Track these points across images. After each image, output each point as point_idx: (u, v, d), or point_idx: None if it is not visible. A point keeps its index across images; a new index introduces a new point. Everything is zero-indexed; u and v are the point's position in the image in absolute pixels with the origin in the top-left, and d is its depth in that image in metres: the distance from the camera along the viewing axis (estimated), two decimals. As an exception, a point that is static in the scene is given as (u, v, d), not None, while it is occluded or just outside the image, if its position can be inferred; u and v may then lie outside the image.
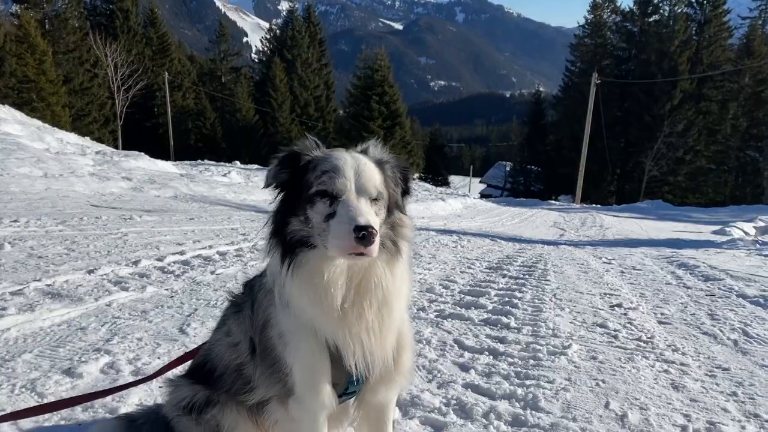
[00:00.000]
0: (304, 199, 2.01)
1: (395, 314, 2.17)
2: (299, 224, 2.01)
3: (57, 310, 4.49)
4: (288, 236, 2.02)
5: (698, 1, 57.16)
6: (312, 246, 2.00)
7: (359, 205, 1.94)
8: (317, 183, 1.98)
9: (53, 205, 8.49)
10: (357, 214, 1.88)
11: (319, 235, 1.96)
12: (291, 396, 2.19)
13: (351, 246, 1.84)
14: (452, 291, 5.97)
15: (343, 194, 1.96)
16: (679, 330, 4.93)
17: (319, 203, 1.97)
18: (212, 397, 2.47)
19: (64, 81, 48.72)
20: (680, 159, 54.67)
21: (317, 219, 1.96)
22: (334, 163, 2.01)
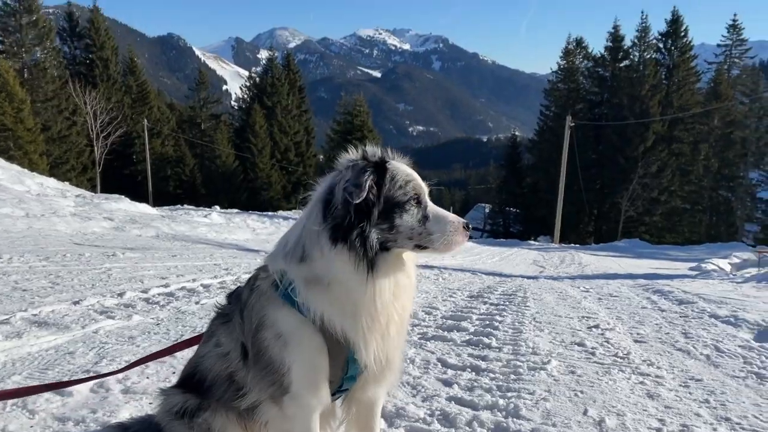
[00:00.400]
0: (391, 207, 2.14)
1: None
2: (380, 232, 2.12)
3: (44, 336, 4.53)
4: (371, 243, 2.10)
5: (666, 47, 59.24)
6: (387, 250, 2.15)
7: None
8: (403, 192, 2.16)
9: (36, 243, 8.51)
10: (449, 214, 2.21)
11: (410, 238, 2.15)
12: (286, 394, 2.26)
13: (463, 239, 2.18)
14: (435, 316, 6.09)
15: (426, 198, 2.21)
16: (654, 347, 5.10)
17: (413, 209, 2.16)
18: (203, 403, 2.55)
19: (42, 129, 48.62)
20: (655, 199, 55.77)
21: (410, 224, 2.14)
22: (411, 173, 2.24)
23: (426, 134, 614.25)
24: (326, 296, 2.16)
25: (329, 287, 2.15)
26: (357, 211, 2.13)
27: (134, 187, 54.62)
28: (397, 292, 2.21)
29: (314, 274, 2.18)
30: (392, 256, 2.17)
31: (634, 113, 55.16)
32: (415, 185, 2.19)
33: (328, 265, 2.15)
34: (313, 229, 2.19)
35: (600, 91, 63.26)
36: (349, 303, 2.16)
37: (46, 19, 54.19)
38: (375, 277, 2.12)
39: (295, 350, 2.23)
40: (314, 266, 2.18)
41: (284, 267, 2.27)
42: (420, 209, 2.17)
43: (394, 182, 2.18)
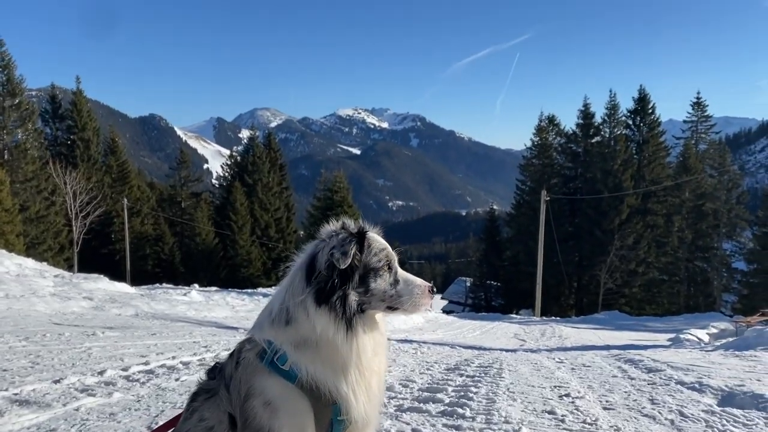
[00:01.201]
0: (366, 272, 2.39)
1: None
2: (357, 295, 2.36)
3: (26, 415, 4.59)
4: (351, 305, 2.34)
5: (635, 124, 61.40)
6: (363, 312, 2.38)
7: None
8: (378, 259, 2.42)
9: (15, 324, 8.53)
10: (416, 278, 2.47)
11: (382, 300, 2.39)
12: None
13: (429, 301, 2.43)
14: (411, 389, 6.21)
15: (395, 265, 2.46)
16: (622, 414, 5.27)
17: (385, 274, 2.41)
18: None
19: (21, 209, 48.40)
20: (633, 271, 56.39)
21: (383, 287, 2.39)
22: (382, 241, 2.51)
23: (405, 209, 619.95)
24: (316, 356, 2.36)
25: (317, 347, 2.36)
26: (340, 276, 2.38)
27: (112, 266, 54.08)
28: (375, 348, 2.43)
29: (301, 335, 2.38)
30: (367, 316, 2.40)
31: (608, 187, 56.55)
32: (388, 253, 2.45)
33: (313, 326, 2.36)
34: (298, 293, 2.44)
35: (574, 165, 64.90)
36: (338, 360, 2.35)
37: (29, 101, 54.88)
38: (355, 335, 2.35)
39: (283, 417, 2.37)
40: (300, 328, 2.38)
41: (271, 333, 2.47)
42: (391, 274, 2.43)
43: (370, 250, 2.44)
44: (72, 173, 50.32)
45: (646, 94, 61.38)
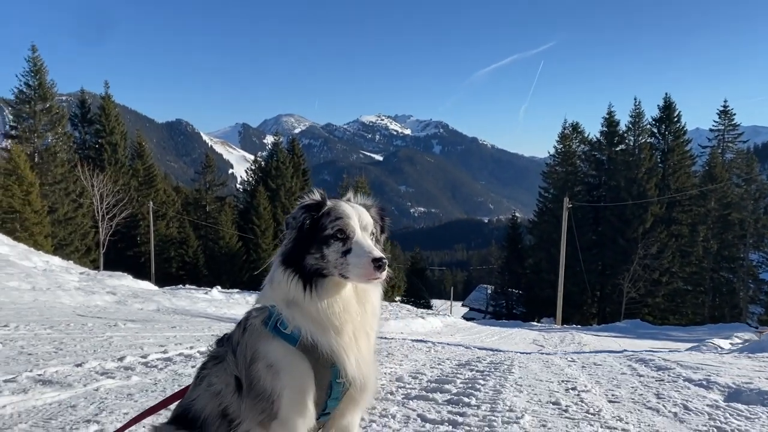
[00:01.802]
0: (320, 240, 2.53)
1: (378, 324, 2.74)
2: (314, 260, 2.52)
3: (48, 393, 4.81)
4: (306, 269, 2.52)
5: (660, 132, 60.80)
6: (325, 276, 2.51)
7: (368, 242, 2.54)
8: (332, 226, 2.53)
9: (41, 314, 8.83)
10: (370, 249, 2.47)
11: (335, 267, 2.48)
12: (274, 420, 2.54)
13: (371, 273, 2.42)
14: (420, 381, 6.33)
15: (354, 234, 2.53)
16: (626, 406, 5.34)
17: (336, 242, 2.51)
18: None
19: (49, 211, 49.45)
20: (657, 281, 55.72)
21: (335, 255, 2.49)
22: (343, 210, 2.58)
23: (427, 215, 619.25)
24: (302, 314, 2.52)
25: (300, 305, 2.53)
26: (296, 242, 2.58)
27: (137, 268, 54.86)
28: (349, 309, 2.55)
29: (286, 294, 2.57)
30: (331, 281, 2.53)
31: (632, 195, 55.96)
32: (342, 222, 2.53)
33: (287, 286, 2.55)
34: (277, 256, 2.64)
35: (597, 173, 64.44)
36: (317, 318, 2.51)
37: (59, 106, 56.15)
38: (318, 297, 2.50)
39: (285, 377, 2.53)
40: (282, 288, 2.57)
41: (267, 293, 2.67)
42: (344, 243, 2.51)
43: (327, 218, 2.57)
44: (99, 176, 51.30)
45: (672, 102, 60.80)
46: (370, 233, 2.63)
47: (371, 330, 2.67)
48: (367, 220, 2.64)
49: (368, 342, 2.66)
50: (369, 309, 2.64)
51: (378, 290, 2.71)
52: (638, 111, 60.99)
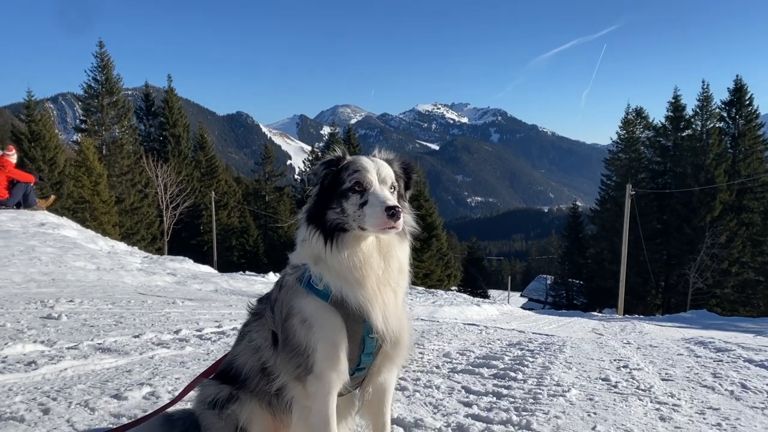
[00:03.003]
0: (339, 194, 2.58)
1: (407, 281, 2.75)
2: (335, 214, 2.57)
3: (107, 359, 5.05)
4: (327, 224, 2.58)
5: (730, 116, 58.16)
6: (346, 230, 2.55)
7: (385, 192, 2.57)
8: (350, 179, 2.57)
9: (104, 291, 9.24)
10: (385, 198, 2.51)
11: (354, 220, 2.52)
12: (310, 374, 2.62)
13: (384, 222, 2.44)
14: (468, 357, 6.31)
15: (371, 186, 2.56)
16: (680, 384, 5.17)
17: (353, 195, 2.55)
18: (234, 393, 2.92)
19: (117, 201, 51.54)
20: (726, 271, 53.51)
21: (353, 207, 2.53)
22: (362, 164, 2.63)
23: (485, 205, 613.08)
24: (329, 269, 2.57)
25: (326, 261, 2.57)
26: (318, 198, 2.64)
27: (200, 256, 56.41)
28: (371, 262, 2.57)
29: (313, 251, 2.62)
30: (352, 235, 2.56)
31: (699, 182, 53.82)
32: (359, 175, 2.56)
33: (312, 243, 2.61)
34: (302, 214, 2.69)
35: (662, 160, 62.25)
36: (339, 272, 2.55)
37: (125, 99, 58.25)
38: (339, 251, 2.54)
39: (318, 332, 2.59)
40: (310, 245, 2.63)
41: (298, 251, 2.72)
42: (361, 196, 2.54)
43: (346, 172, 2.61)
44: (163, 167, 53.07)
45: (743, 85, 57.94)
46: (390, 186, 2.65)
47: (398, 286, 2.68)
48: (387, 172, 2.65)
49: (395, 297, 2.67)
50: (394, 264, 2.65)
51: (404, 246, 2.72)
52: (706, 95, 58.51)
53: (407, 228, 2.75)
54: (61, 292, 8.58)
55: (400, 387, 4.67)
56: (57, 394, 3.95)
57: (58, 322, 6.56)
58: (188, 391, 3.21)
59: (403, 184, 2.82)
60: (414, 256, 19.76)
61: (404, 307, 2.80)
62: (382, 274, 2.62)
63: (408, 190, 2.87)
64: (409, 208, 2.85)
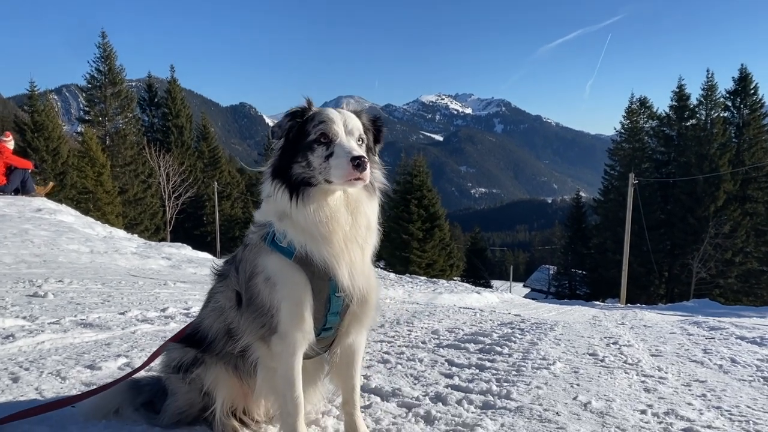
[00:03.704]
0: (304, 146, 2.49)
1: (375, 238, 2.66)
2: (301, 168, 2.48)
3: (87, 333, 5.00)
4: (293, 178, 2.48)
5: (735, 105, 57.72)
6: (312, 184, 2.47)
7: (351, 143, 2.47)
8: (315, 131, 2.48)
9: (95, 272, 9.19)
10: (351, 149, 2.42)
11: (320, 173, 2.44)
12: (274, 334, 2.54)
13: (350, 173, 2.35)
14: (456, 334, 6.24)
15: (337, 137, 2.47)
16: (669, 359, 5.09)
17: (319, 147, 2.46)
18: (198, 357, 2.84)
19: (120, 192, 51.54)
20: (729, 261, 53.28)
21: (318, 160, 2.45)
22: (328, 115, 2.53)
23: (488, 196, 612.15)
24: (294, 225, 2.48)
25: (290, 217, 2.49)
26: (283, 151, 2.55)
27: (203, 247, 56.21)
28: (338, 218, 2.49)
29: (278, 207, 2.53)
30: (319, 190, 2.47)
31: (703, 172, 53.52)
32: (325, 126, 2.47)
33: (277, 198, 2.52)
34: (266, 169, 2.59)
35: (666, 150, 61.90)
36: (305, 228, 2.47)
37: (129, 90, 58.19)
38: (305, 206, 2.45)
39: (282, 290, 2.51)
40: (275, 201, 2.53)
41: (263, 207, 2.64)
42: (327, 147, 2.45)
43: (311, 125, 2.51)
44: (165, 156, 53.03)
45: (748, 74, 57.43)
46: (358, 138, 2.55)
47: (365, 243, 2.60)
48: (354, 124, 2.57)
49: (362, 255, 2.59)
50: (362, 221, 2.57)
51: (373, 203, 2.64)
52: (711, 84, 58.04)
53: (377, 184, 2.66)
54: (52, 272, 8.54)
55: (382, 360, 4.61)
56: (30, 365, 3.90)
57: (43, 300, 6.52)
58: (156, 356, 3.15)
59: (372, 138, 2.73)
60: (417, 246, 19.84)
61: (372, 266, 2.73)
62: (350, 230, 2.54)
63: (378, 143, 2.78)
64: (380, 164, 2.76)
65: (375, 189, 2.65)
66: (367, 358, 4.64)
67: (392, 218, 53.86)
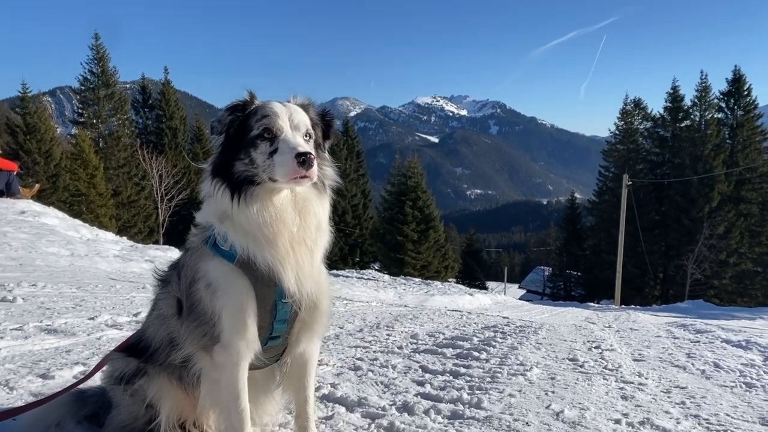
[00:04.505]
0: (247, 142, 2.32)
1: (326, 239, 2.50)
2: (243, 165, 2.32)
3: (49, 340, 4.81)
4: (235, 176, 2.32)
5: (729, 107, 57.84)
6: (256, 183, 2.31)
7: (297, 139, 2.32)
8: (258, 126, 2.32)
9: (73, 276, 9.00)
10: (296, 145, 2.26)
11: (264, 171, 2.28)
12: (216, 344, 2.39)
13: (295, 170, 2.20)
14: (436, 338, 6.08)
15: (282, 133, 2.32)
16: (651, 364, 4.95)
17: (262, 143, 2.30)
18: (141, 367, 2.67)
19: (113, 194, 51.24)
20: (724, 261, 53.37)
21: (261, 157, 2.29)
22: (271, 108, 2.37)
23: (484, 197, 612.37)
24: (236, 227, 2.32)
25: (233, 218, 2.32)
26: (224, 147, 2.37)
27: (197, 249, 56.23)
28: (284, 218, 2.33)
29: (219, 207, 2.36)
30: (263, 189, 2.31)
31: (697, 173, 53.62)
32: (269, 121, 2.31)
33: (217, 198, 2.34)
34: (207, 167, 2.42)
35: (661, 151, 61.98)
36: (247, 230, 2.31)
37: (122, 92, 57.91)
38: (247, 206, 2.29)
39: (223, 297, 2.36)
40: (215, 201, 2.37)
41: (204, 210, 2.47)
42: (271, 143, 2.29)
43: (254, 119, 2.35)
44: (158, 158, 52.74)
45: (742, 75, 57.59)
46: (305, 134, 2.40)
47: (315, 245, 2.44)
48: (300, 118, 2.41)
49: (311, 257, 2.44)
50: (311, 221, 2.41)
51: (323, 202, 2.48)
52: (705, 85, 58.24)
53: (327, 182, 2.51)
54: (27, 276, 8.34)
55: (354, 366, 4.44)
56: (-20, 373, 3.72)
57: (11, 304, 6.32)
58: (100, 367, 2.98)
59: (321, 133, 2.57)
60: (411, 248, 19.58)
61: (323, 269, 2.57)
62: (297, 231, 2.38)
63: (327, 139, 2.62)
64: (330, 161, 2.61)
65: (326, 187, 2.49)
66: (339, 365, 4.49)
67: (387, 220, 53.70)
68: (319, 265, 2.53)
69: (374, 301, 12.22)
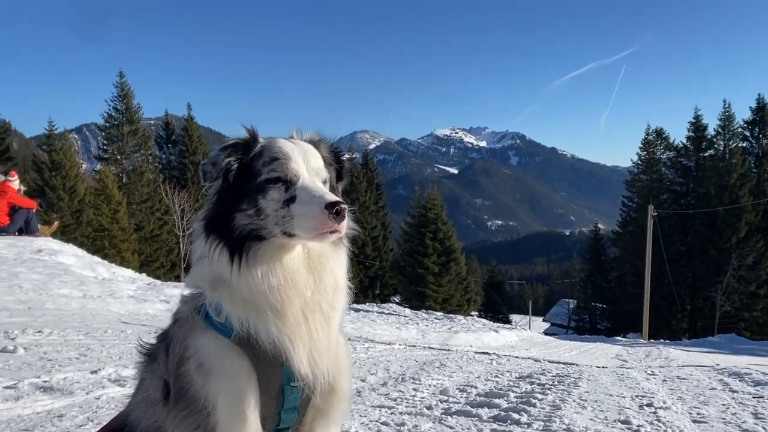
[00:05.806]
0: (252, 189, 1.91)
1: (344, 300, 2.06)
2: (247, 218, 1.90)
3: (42, 401, 4.38)
4: (236, 232, 1.89)
5: (754, 135, 57.18)
6: (263, 238, 1.89)
7: (319, 185, 1.92)
8: (268, 170, 1.92)
9: (82, 320, 8.62)
10: (323, 193, 1.86)
11: (277, 223, 1.87)
12: None
13: (325, 224, 1.80)
14: (468, 394, 5.54)
15: (298, 178, 1.91)
16: (716, 427, 4.37)
17: (273, 190, 1.90)
18: None
19: (136, 229, 51.64)
20: (754, 293, 52.09)
21: (273, 206, 1.88)
22: (283, 149, 1.96)
23: (505, 228, 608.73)
24: (234, 295, 1.89)
25: (230, 284, 1.88)
26: (221, 196, 1.93)
27: (216, 284, 56.18)
28: (295, 281, 1.89)
29: (213, 272, 1.92)
30: (271, 245, 1.87)
31: (723, 203, 52.71)
32: (281, 164, 1.91)
33: (211, 260, 1.90)
34: (197, 222, 1.98)
35: (685, 181, 61.24)
36: (248, 298, 1.87)
37: (145, 128, 58.85)
38: (249, 268, 1.84)
39: (217, 381, 1.91)
40: (210, 263, 1.92)
41: (194, 273, 2.03)
42: (286, 190, 1.89)
43: (260, 160, 1.93)
44: (180, 192, 53.09)
45: (766, 104, 56.93)
46: (322, 179, 1.98)
47: (332, 310, 1.98)
48: (318, 160, 2.00)
49: (327, 326, 1.97)
50: (327, 280, 1.97)
51: (340, 256, 2.04)
52: (728, 114, 57.75)
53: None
54: (34, 321, 7.97)
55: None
56: (-44, 448, 3.28)
57: (11, 355, 5.91)
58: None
59: (334, 174, 2.15)
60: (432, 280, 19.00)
61: (341, 340, 2.11)
62: (311, 295, 1.93)
63: (340, 181, 2.20)
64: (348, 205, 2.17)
65: (342, 238, 2.04)
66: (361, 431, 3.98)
67: (407, 252, 53.22)
68: (337, 335, 2.07)
69: (397, 342, 11.66)
